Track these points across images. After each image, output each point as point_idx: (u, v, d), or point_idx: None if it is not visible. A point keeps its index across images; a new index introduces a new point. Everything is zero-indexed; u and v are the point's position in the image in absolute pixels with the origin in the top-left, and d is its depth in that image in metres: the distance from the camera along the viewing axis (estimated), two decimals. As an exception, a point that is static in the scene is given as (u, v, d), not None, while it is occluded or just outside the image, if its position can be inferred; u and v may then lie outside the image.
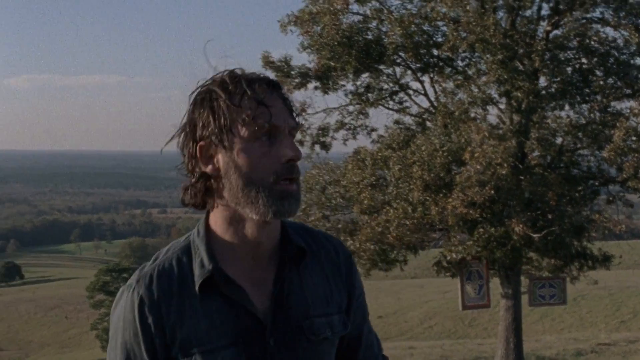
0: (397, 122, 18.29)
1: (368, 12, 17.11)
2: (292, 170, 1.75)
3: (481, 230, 15.15)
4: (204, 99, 1.79)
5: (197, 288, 1.80)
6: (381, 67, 17.56)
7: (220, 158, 1.78)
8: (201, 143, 1.80)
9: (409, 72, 17.84)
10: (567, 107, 16.55)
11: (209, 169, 1.80)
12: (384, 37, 16.84)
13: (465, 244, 15.51)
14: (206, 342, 1.78)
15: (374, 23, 17.19)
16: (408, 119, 18.34)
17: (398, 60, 17.44)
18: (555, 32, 16.34)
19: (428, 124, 17.46)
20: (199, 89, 1.82)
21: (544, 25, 16.39)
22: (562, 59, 16.20)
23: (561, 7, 16.09)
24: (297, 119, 1.82)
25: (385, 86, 18.17)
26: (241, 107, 1.75)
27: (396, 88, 18.12)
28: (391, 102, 18.28)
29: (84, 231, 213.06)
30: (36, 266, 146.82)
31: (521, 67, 15.48)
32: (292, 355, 1.84)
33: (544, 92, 16.06)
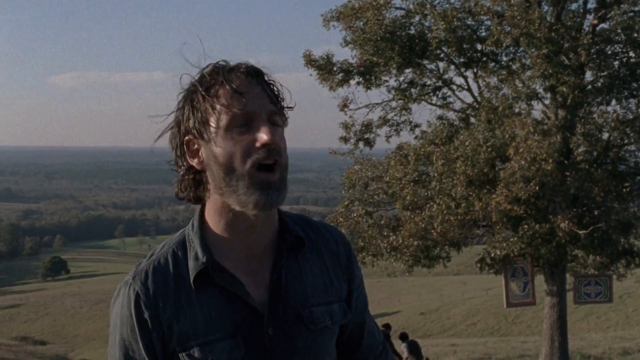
0: (440, 117, 18.17)
1: (411, 6, 17.02)
2: (269, 155, 1.70)
3: (525, 226, 14.99)
4: (187, 94, 1.80)
5: (191, 281, 1.78)
6: (424, 62, 17.46)
7: (203, 151, 1.77)
8: (186, 138, 1.80)
9: (452, 67, 17.72)
10: (613, 102, 16.32)
11: (195, 162, 1.80)
12: (427, 32, 16.74)
13: (510, 241, 15.35)
14: (203, 334, 1.76)
15: (417, 18, 17.10)
16: (451, 115, 18.23)
17: (441, 55, 17.34)
18: (602, 25, 16.11)
19: (471, 119, 17.30)
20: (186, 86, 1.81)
21: (590, 18, 16.17)
22: (609, 52, 15.97)
23: (608, 0, 15.83)
24: (279, 104, 1.77)
25: (429, 82, 18.06)
26: (217, 97, 1.74)
27: (439, 83, 18.00)
28: (434, 98, 18.18)
29: (128, 227, 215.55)
30: (81, 261, 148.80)
31: (567, 62, 15.28)
32: (292, 345, 1.82)
33: (590, 86, 15.84)
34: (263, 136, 1.69)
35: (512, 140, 14.79)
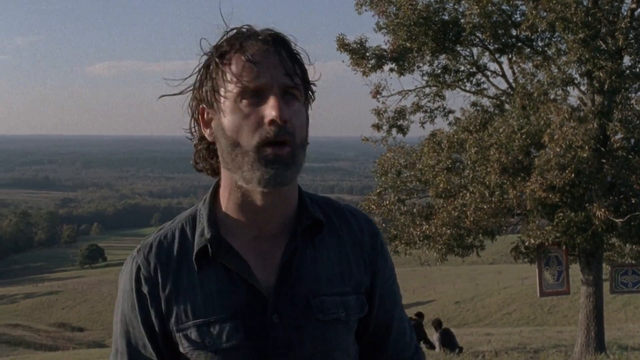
0: (474, 104, 17.94)
1: (445, -8, 16.79)
2: (277, 133, 1.58)
3: (561, 215, 14.74)
4: (206, 60, 1.70)
5: (193, 257, 1.70)
6: (458, 48, 17.23)
7: (214, 121, 1.69)
8: (202, 105, 1.71)
9: (487, 53, 17.47)
10: (652, 87, 15.97)
11: (207, 132, 1.71)
12: (460, 17, 16.53)
13: (544, 229, 15.11)
14: (202, 315, 1.68)
15: (451, 3, 16.87)
16: (485, 101, 17.99)
17: (475, 41, 17.10)
18: (641, 9, 15.76)
19: (506, 106, 17.07)
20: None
21: (628, 2, 15.81)
22: (648, 37, 15.62)
23: (648, -16, 15.49)
24: (295, 77, 1.64)
25: (462, 67, 17.81)
26: (229, 65, 1.64)
27: (473, 69, 17.76)
28: (468, 84, 17.92)
29: (164, 215, 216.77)
30: (118, 249, 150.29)
31: (604, 46, 14.97)
32: (298, 335, 1.69)
33: (627, 72, 15.52)
34: (271, 112, 1.58)
35: (547, 127, 14.56)
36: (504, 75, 17.33)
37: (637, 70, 15.57)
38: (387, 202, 17.08)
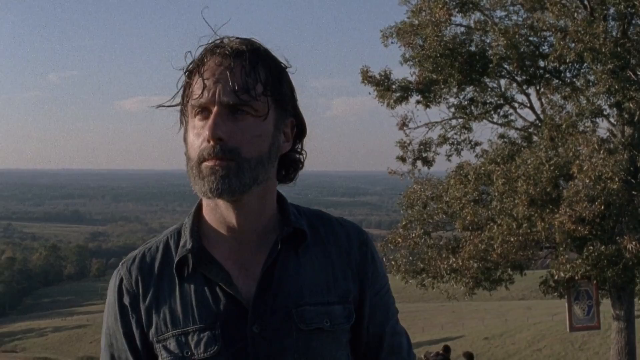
0: (501, 136, 17.83)
1: (471, 23, 16.76)
2: (210, 151, 1.60)
3: (591, 247, 14.50)
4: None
5: (174, 267, 1.70)
6: (485, 79, 17.14)
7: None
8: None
9: (514, 84, 17.37)
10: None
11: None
12: (487, 48, 16.46)
13: (574, 263, 14.84)
14: (180, 325, 1.66)
15: (478, 34, 16.81)
16: (513, 133, 17.87)
17: (503, 72, 17.01)
18: (671, 40, 15.60)
19: (534, 138, 16.91)
20: None
21: (658, 33, 15.68)
22: (678, 67, 15.44)
23: (677, 14, 15.36)
24: (242, 93, 1.60)
25: (490, 99, 17.71)
26: (192, 82, 1.66)
27: (501, 101, 17.67)
28: (495, 116, 17.87)
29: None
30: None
31: (633, 77, 14.86)
32: (279, 346, 1.65)
33: (658, 103, 15.32)
34: (205, 131, 1.60)
35: (575, 158, 14.38)
36: (531, 107, 17.23)
37: (668, 101, 15.34)
38: (414, 235, 16.92)
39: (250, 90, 1.61)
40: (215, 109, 1.60)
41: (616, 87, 14.42)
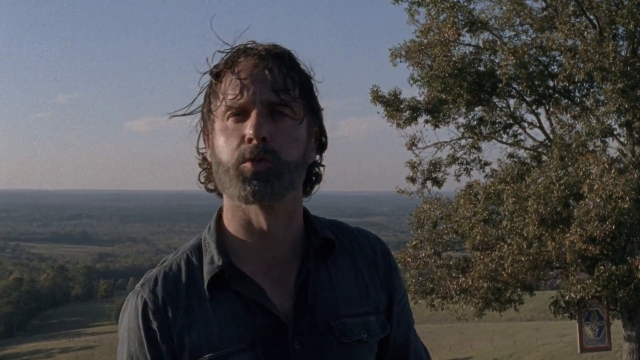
0: (511, 155, 17.77)
1: (480, 43, 16.77)
2: (253, 151, 1.53)
3: (601, 268, 14.41)
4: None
5: (205, 286, 1.60)
6: (494, 99, 17.12)
7: (210, 141, 1.65)
8: (204, 125, 1.67)
9: (523, 104, 17.34)
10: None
11: (208, 153, 1.66)
12: (496, 68, 16.45)
13: (585, 283, 14.74)
14: (218, 346, 1.56)
15: (487, 54, 16.81)
16: (522, 153, 17.82)
17: (512, 92, 16.99)
18: (680, 59, 15.57)
19: (543, 157, 16.86)
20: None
21: (668, 52, 15.65)
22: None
23: (686, 33, 15.34)
24: (283, 93, 1.56)
25: (499, 119, 17.69)
26: (221, 83, 1.60)
27: (510, 121, 17.64)
28: (505, 136, 17.82)
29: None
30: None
31: (644, 97, 14.78)
32: None
33: (668, 122, 15.28)
34: (248, 131, 1.54)
35: (586, 177, 14.32)
36: (541, 127, 17.19)
37: (678, 120, 15.30)
38: (423, 254, 16.85)
39: (290, 91, 1.56)
40: (256, 109, 1.54)
41: (626, 106, 14.38)
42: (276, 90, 1.55)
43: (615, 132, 15.80)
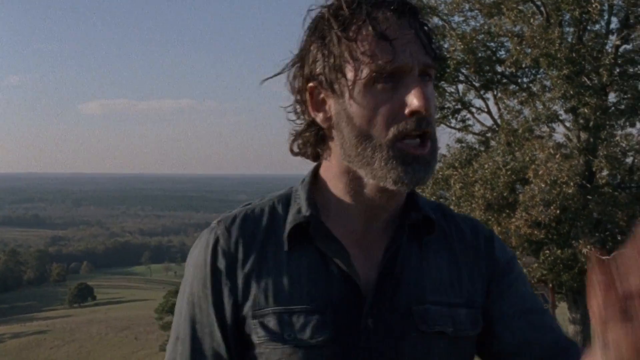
0: (459, 140, 17.87)
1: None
2: (419, 125, 1.32)
3: (547, 252, 14.62)
4: (316, 27, 1.41)
5: (285, 234, 1.43)
6: (443, 84, 17.19)
7: (332, 105, 1.40)
8: (311, 84, 1.42)
9: (472, 89, 17.45)
10: (638, 124, 15.96)
11: (319, 117, 1.43)
12: (445, 53, 16.51)
13: (530, 267, 14.95)
14: (284, 301, 1.40)
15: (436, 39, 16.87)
16: (471, 138, 17.93)
17: (460, 78, 17.08)
18: (625, 46, 15.82)
19: (491, 142, 17.00)
20: (314, 14, 1.43)
21: (613, 39, 15.87)
22: (632, 73, 15.63)
23: (631, 21, 15.56)
24: (434, 54, 1.37)
25: (448, 104, 17.77)
26: (357, 41, 1.35)
27: (458, 106, 17.73)
28: (453, 121, 17.88)
29: (155, 253, 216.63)
30: (108, 287, 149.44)
31: (588, 83, 14.97)
32: (394, 346, 1.40)
33: (612, 108, 15.52)
34: (415, 102, 1.32)
35: (532, 163, 14.48)
36: (489, 112, 17.32)
37: (622, 106, 15.56)
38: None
39: (436, 51, 1.38)
40: (416, 73, 1.33)
41: (571, 92, 14.56)
42: (428, 51, 1.36)
43: (561, 118, 15.98)
